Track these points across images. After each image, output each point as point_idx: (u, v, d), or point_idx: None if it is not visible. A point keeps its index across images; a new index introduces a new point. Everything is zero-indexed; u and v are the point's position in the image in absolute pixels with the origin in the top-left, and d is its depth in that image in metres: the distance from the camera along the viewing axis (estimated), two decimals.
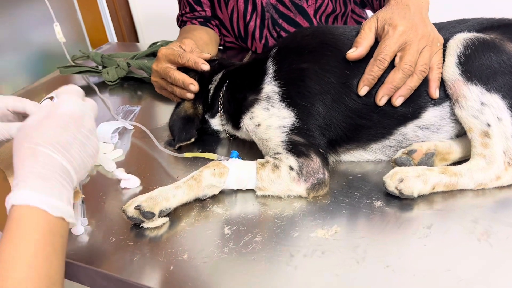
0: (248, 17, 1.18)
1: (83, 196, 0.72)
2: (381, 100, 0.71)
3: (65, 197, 0.51)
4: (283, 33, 1.19)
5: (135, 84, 1.22)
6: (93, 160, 0.57)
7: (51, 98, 1.02)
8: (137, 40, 2.63)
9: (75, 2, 2.06)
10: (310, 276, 0.56)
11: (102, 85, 1.21)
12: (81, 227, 0.67)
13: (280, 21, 1.17)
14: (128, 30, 2.51)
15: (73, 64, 1.31)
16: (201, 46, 1.11)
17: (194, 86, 0.84)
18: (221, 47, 1.33)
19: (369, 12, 1.19)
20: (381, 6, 0.98)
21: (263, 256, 0.60)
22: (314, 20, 1.16)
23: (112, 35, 2.38)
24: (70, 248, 0.64)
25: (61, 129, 0.53)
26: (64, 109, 0.56)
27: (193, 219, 0.68)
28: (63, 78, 1.30)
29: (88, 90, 1.20)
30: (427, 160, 0.71)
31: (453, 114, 0.71)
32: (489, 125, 0.66)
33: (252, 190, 0.72)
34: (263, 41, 1.22)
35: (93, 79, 1.27)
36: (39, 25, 1.67)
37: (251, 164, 0.72)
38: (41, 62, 1.80)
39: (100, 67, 1.28)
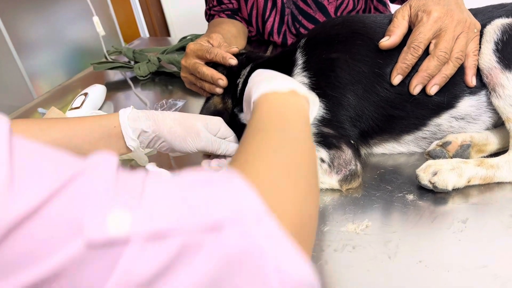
0: (267, 14, 1.17)
1: None
2: (415, 88, 0.69)
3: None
4: (302, 30, 1.18)
5: (166, 78, 1.23)
6: None
7: (85, 94, 1.05)
8: (169, 35, 2.66)
9: None
10: (340, 271, 0.55)
11: (134, 80, 1.24)
12: None
13: (300, 17, 1.16)
14: (159, 24, 2.54)
15: (107, 59, 1.34)
16: (229, 40, 1.11)
17: (222, 81, 0.84)
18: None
19: (395, 8, 1.15)
20: None
21: None
22: (334, 17, 1.14)
23: (144, 30, 2.42)
24: None
25: None
26: None
27: None
28: (97, 74, 1.33)
29: (124, 85, 1.22)
30: (463, 152, 0.68)
31: (490, 103, 0.68)
32: None
33: None
34: (281, 38, 1.21)
35: (125, 74, 1.29)
36: (75, 22, 1.72)
37: None
38: (77, 58, 1.86)
39: (132, 63, 1.30)
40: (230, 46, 0.91)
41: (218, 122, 0.73)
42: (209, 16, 1.28)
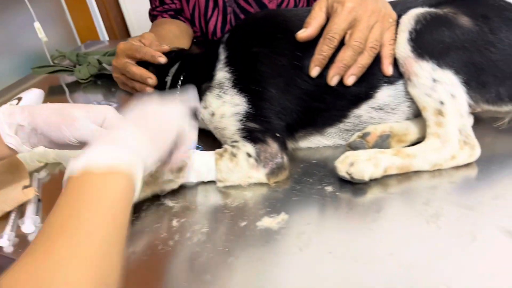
0: (209, 13, 1.16)
1: (37, 193, 0.72)
2: (333, 79, 0.69)
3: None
4: None
5: (108, 81, 1.21)
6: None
7: (19, 98, 1.02)
8: (129, 36, 2.62)
9: (63, 4, 2.07)
10: (251, 265, 0.54)
11: (77, 84, 1.21)
12: (32, 226, 0.67)
13: (242, 16, 1.15)
14: (119, 27, 2.51)
15: (51, 64, 1.31)
16: (171, 40, 1.10)
17: (151, 79, 0.82)
18: (194, 40, 1.31)
19: None
20: None
21: (206, 247, 0.58)
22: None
23: (103, 33, 2.39)
24: (20, 247, 0.64)
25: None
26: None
27: (143, 213, 0.67)
28: (45, 79, 1.30)
29: (60, 91, 1.20)
30: (382, 142, 0.69)
31: (407, 93, 0.68)
32: (442, 103, 0.64)
33: (207, 182, 0.71)
34: None
35: (69, 78, 1.26)
36: (23, 29, 1.67)
37: (210, 155, 0.70)
38: (26, 65, 1.81)
39: (77, 66, 1.27)
40: (161, 45, 0.89)
41: (103, 111, 0.64)
42: (152, 17, 1.27)
